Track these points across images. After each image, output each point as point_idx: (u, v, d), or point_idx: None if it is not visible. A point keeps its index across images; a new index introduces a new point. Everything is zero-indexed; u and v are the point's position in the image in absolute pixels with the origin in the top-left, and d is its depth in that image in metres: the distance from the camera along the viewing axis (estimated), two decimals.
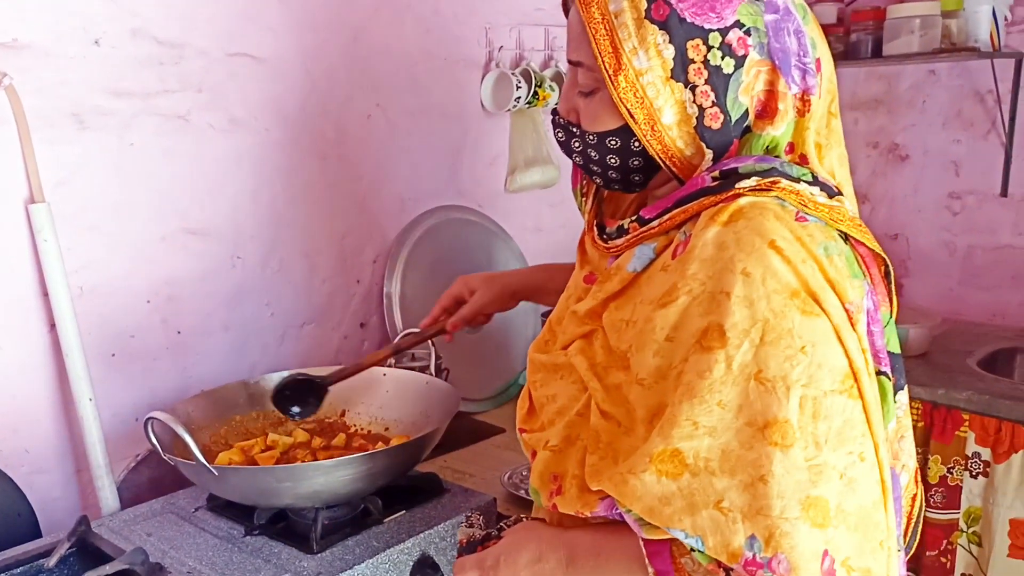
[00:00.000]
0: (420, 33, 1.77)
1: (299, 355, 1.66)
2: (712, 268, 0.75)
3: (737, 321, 0.73)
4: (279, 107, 1.56)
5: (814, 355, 0.73)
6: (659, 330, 0.77)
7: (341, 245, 1.71)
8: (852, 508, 0.73)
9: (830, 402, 0.73)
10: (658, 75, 0.80)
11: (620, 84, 0.80)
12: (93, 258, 1.35)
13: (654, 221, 0.84)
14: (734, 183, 0.78)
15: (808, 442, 0.72)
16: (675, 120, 0.81)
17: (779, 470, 0.71)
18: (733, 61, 0.80)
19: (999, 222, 2.40)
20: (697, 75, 0.80)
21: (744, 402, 0.73)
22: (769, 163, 0.80)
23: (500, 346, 1.91)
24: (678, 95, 0.80)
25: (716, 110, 0.81)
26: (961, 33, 2.19)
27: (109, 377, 1.39)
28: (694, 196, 0.80)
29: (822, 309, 0.74)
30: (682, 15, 0.79)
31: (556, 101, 1.94)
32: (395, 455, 1.21)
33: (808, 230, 0.77)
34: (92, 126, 1.32)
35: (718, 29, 0.79)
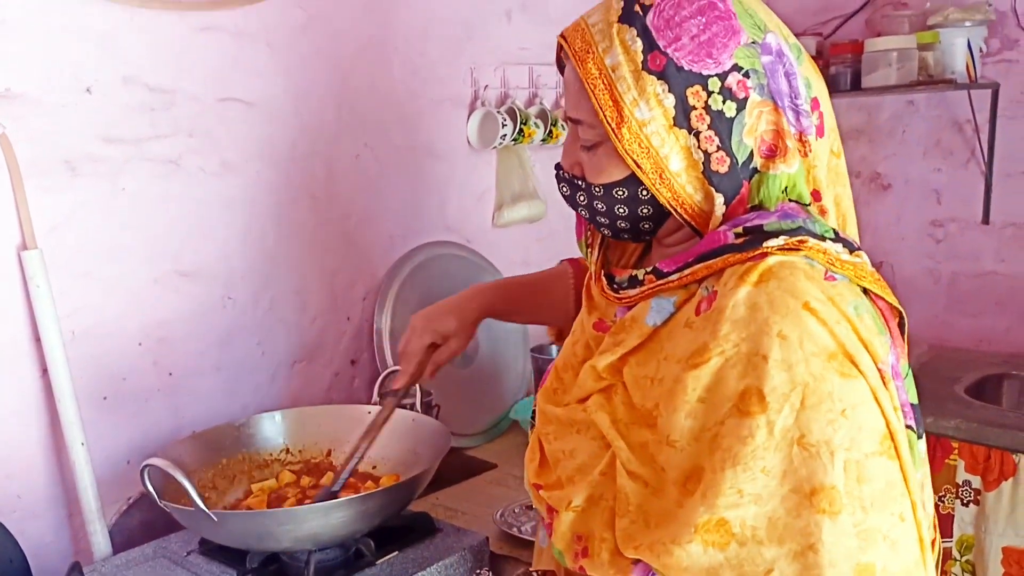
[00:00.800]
0: (407, 74, 1.80)
1: (291, 394, 1.67)
2: (746, 330, 0.75)
3: (776, 385, 0.72)
4: (269, 149, 1.58)
5: (855, 418, 0.73)
6: (691, 391, 0.76)
7: (331, 283, 1.73)
8: (897, 570, 0.73)
9: (872, 464, 0.73)
10: (661, 124, 0.80)
11: (624, 136, 0.81)
12: (85, 302, 1.36)
13: (673, 275, 0.83)
14: (761, 241, 0.78)
15: (855, 507, 0.72)
16: (682, 167, 0.82)
17: (829, 538, 0.70)
18: (735, 104, 0.80)
19: (982, 249, 2.43)
20: (700, 121, 0.80)
21: (788, 468, 0.72)
22: (794, 220, 0.79)
23: (490, 381, 1.92)
24: (683, 142, 0.81)
25: (722, 154, 0.81)
26: (938, 65, 2.24)
27: (101, 420, 1.40)
28: (717, 252, 0.80)
29: (859, 371, 0.74)
30: (679, 64, 0.80)
31: (541, 137, 1.97)
32: (391, 495, 1.22)
33: (837, 289, 0.77)
34: (84, 172, 1.34)
35: (716, 74, 0.80)
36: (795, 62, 0.83)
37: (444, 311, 1.25)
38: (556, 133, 1.99)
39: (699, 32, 0.80)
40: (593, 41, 0.83)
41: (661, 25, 0.81)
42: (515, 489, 1.61)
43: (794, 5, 2.59)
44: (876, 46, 2.27)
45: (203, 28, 1.46)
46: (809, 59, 0.87)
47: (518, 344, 1.98)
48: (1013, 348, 2.37)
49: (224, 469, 1.40)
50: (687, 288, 0.83)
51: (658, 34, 0.81)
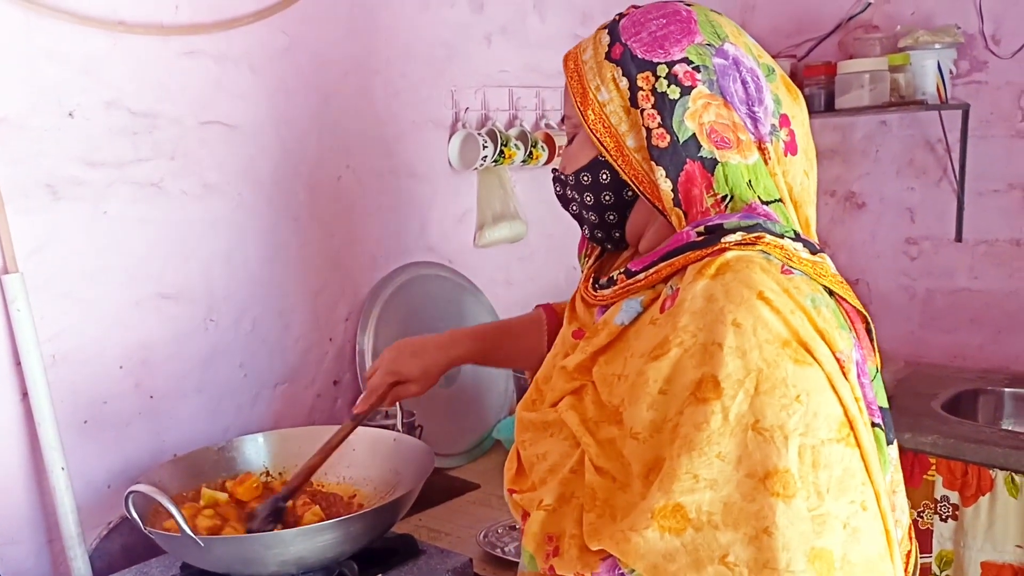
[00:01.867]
0: (388, 96, 1.81)
1: (272, 416, 1.67)
2: (703, 320, 0.77)
3: (731, 372, 0.75)
4: (252, 171, 1.58)
5: (809, 404, 0.75)
6: (652, 383, 0.79)
7: (314, 304, 1.73)
8: (858, 559, 0.75)
9: (828, 451, 0.74)
10: (619, 104, 0.90)
11: (589, 117, 0.91)
12: (66, 326, 1.36)
13: (641, 274, 0.88)
14: (719, 238, 0.82)
15: (810, 492, 0.73)
16: (637, 144, 0.89)
17: (783, 521, 0.72)
18: (679, 89, 0.87)
19: (955, 266, 2.48)
20: (645, 100, 0.88)
21: (743, 453, 0.74)
22: (753, 219, 0.84)
23: (473, 400, 1.92)
24: (636, 120, 0.89)
25: (662, 131, 0.87)
26: (909, 86, 2.29)
27: (82, 444, 1.39)
28: (680, 251, 0.84)
29: (814, 358, 0.76)
30: (634, 52, 0.90)
31: (521, 159, 1.99)
32: (376, 517, 1.22)
33: (794, 282, 0.80)
34: (66, 196, 1.34)
35: (665, 62, 0.88)
36: (763, 78, 0.90)
37: (412, 353, 1.28)
38: (536, 154, 2.01)
39: (657, 30, 0.90)
40: (580, 45, 0.96)
41: (628, 25, 0.92)
42: (498, 509, 1.61)
43: (768, 27, 2.63)
44: (849, 68, 2.32)
45: (186, 52, 1.46)
46: (786, 82, 0.92)
47: None
48: (987, 364, 2.41)
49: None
50: (654, 288, 0.88)
51: (623, 32, 0.92)
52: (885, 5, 2.50)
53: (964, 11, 2.36)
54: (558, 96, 2.15)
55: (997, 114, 2.36)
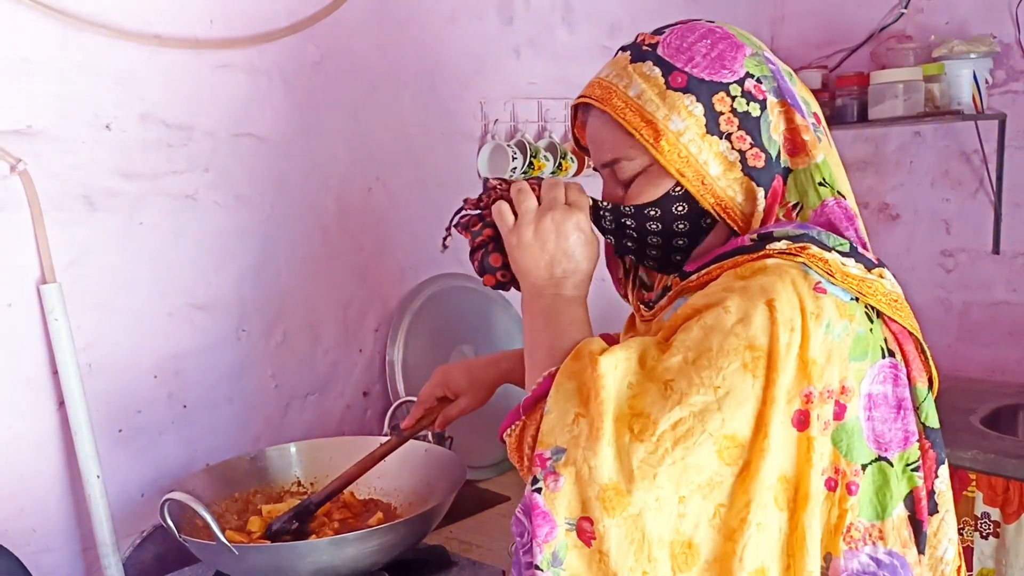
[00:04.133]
0: (417, 109, 1.82)
1: (303, 426, 1.67)
2: (712, 297, 0.81)
3: (692, 333, 0.79)
4: (283, 184, 1.60)
5: (722, 402, 0.76)
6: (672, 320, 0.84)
7: (344, 315, 1.74)
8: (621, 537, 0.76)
9: (699, 442, 0.75)
10: (696, 132, 0.87)
11: (664, 149, 0.87)
12: (102, 335, 1.38)
13: (693, 275, 0.89)
14: (767, 243, 0.83)
15: (655, 462, 0.75)
16: (720, 171, 0.87)
17: (627, 455, 0.76)
18: (757, 105, 0.87)
19: (993, 279, 2.43)
20: (729, 124, 0.87)
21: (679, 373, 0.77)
22: (804, 230, 0.84)
23: (503, 411, 1.91)
24: (716, 148, 0.87)
25: (756, 150, 0.87)
26: (944, 96, 2.26)
27: (116, 453, 1.40)
28: (731, 254, 0.86)
29: (766, 377, 0.76)
30: (700, 77, 0.87)
31: (550, 170, 1.98)
32: (409, 527, 1.22)
33: (820, 303, 0.79)
34: (102, 207, 1.36)
35: (735, 81, 0.87)
36: (788, 81, 0.91)
37: (464, 370, 1.26)
38: (565, 166, 2.01)
39: (708, 51, 0.88)
40: (612, 84, 0.90)
41: (672, 52, 0.89)
42: None
43: (798, 39, 2.62)
44: (882, 78, 2.30)
45: (219, 66, 1.48)
46: (800, 82, 0.94)
47: None
48: None
49: (237, 502, 1.40)
50: (702, 286, 0.88)
51: (673, 59, 0.88)
52: (918, 15, 2.47)
53: (1000, 20, 2.33)
54: None
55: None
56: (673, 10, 2.37)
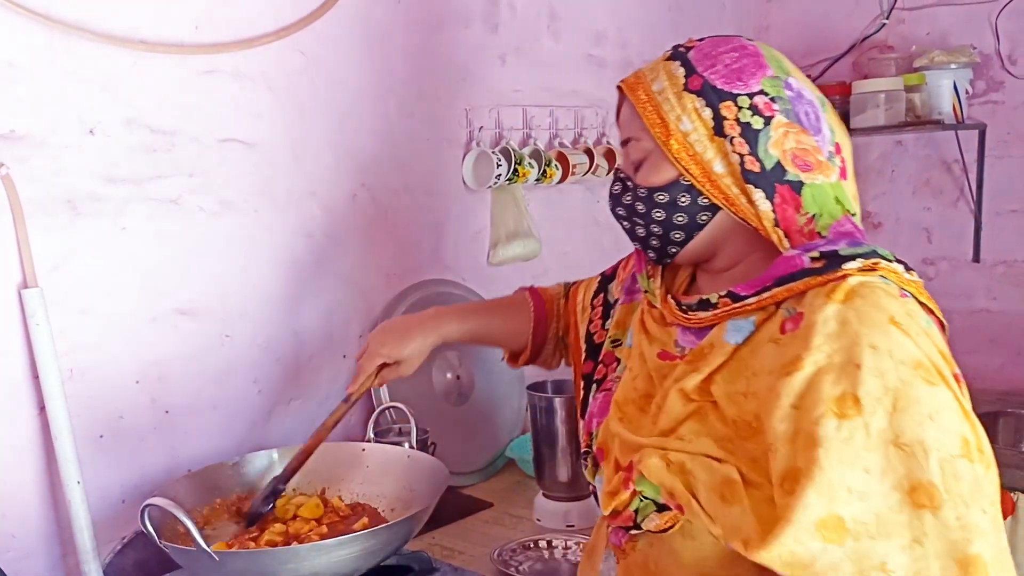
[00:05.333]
0: (403, 115, 1.83)
1: (285, 432, 1.67)
2: (839, 342, 0.82)
3: (870, 390, 0.79)
4: (268, 189, 1.60)
5: (940, 421, 0.79)
6: (784, 398, 0.83)
7: (328, 321, 1.74)
8: (990, 558, 0.78)
9: (960, 465, 0.79)
10: (703, 134, 0.94)
11: (672, 146, 0.95)
12: (84, 340, 1.37)
13: (751, 298, 0.91)
14: (839, 264, 0.87)
15: (955, 502, 0.77)
16: (725, 170, 0.94)
17: (932, 531, 0.76)
18: (761, 120, 0.93)
19: (973, 287, 2.46)
20: (731, 129, 0.93)
21: (887, 466, 0.78)
22: (864, 246, 0.89)
23: (486, 418, 1.92)
24: (721, 148, 0.94)
25: (752, 158, 0.93)
26: (925, 106, 2.29)
27: (97, 459, 1.40)
28: (796, 276, 0.88)
29: (941, 378, 0.81)
30: (714, 84, 0.94)
31: (535, 177, 1.99)
32: (391, 532, 1.21)
33: (911, 306, 0.86)
34: (86, 212, 1.36)
35: (745, 94, 0.94)
36: (819, 108, 0.97)
37: (400, 335, 1.33)
38: (550, 173, 2.02)
39: (732, 63, 0.96)
40: (644, 76, 1.00)
41: (700, 57, 0.97)
42: (511, 528, 1.60)
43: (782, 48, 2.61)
44: (864, 88, 2.32)
45: (204, 71, 1.48)
46: (833, 112, 0.99)
47: (513, 382, 1.99)
48: (1007, 386, 2.38)
49: (219, 508, 1.39)
50: (765, 310, 0.91)
51: (697, 63, 0.96)
52: (900, 26, 2.50)
53: (980, 31, 2.36)
54: (572, 115, 2.16)
55: (1014, 134, 2.36)
56: (659, 20, 2.39)
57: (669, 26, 2.42)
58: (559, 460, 1.61)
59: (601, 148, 2.18)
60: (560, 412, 1.61)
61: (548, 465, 1.63)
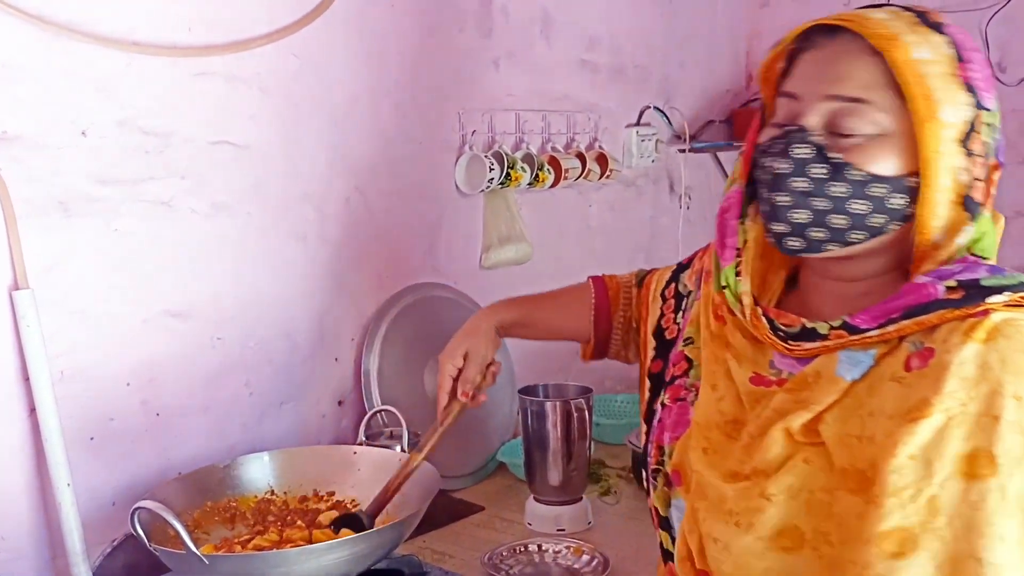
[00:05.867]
0: (397, 119, 1.83)
1: (277, 434, 1.67)
2: (976, 389, 0.73)
3: (1009, 448, 0.70)
4: (261, 191, 1.60)
5: None
6: (902, 446, 0.73)
7: (320, 324, 1.74)
8: None
9: None
10: (953, 134, 0.79)
11: (927, 132, 0.78)
12: (75, 342, 1.37)
13: (873, 332, 0.79)
14: (982, 297, 0.76)
15: None
16: (949, 185, 0.80)
17: None
18: (995, 145, 0.82)
19: None
20: (978, 146, 0.80)
21: (1021, 536, 0.70)
22: (1010, 276, 0.78)
23: (478, 422, 1.92)
24: (956, 161, 0.80)
25: (983, 184, 0.81)
26: None
27: (88, 461, 1.39)
28: (929, 308, 0.77)
29: None
30: (979, 86, 0.80)
31: (527, 181, 2.00)
32: (382, 536, 1.22)
33: None
34: (78, 213, 1.35)
35: (995, 110, 0.82)
36: None
37: (458, 340, 1.32)
38: (543, 177, 2.02)
39: (985, 65, 0.82)
40: (897, 34, 0.80)
41: (963, 42, 0.81)
42: (502, 532, 1.61)
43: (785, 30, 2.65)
44: None
45: (198, 73, 1.48)
46: None
47: (505, 386, 1.99)
48: None
49: (210, 511, 1.39)
50: (887, 342, 0.80)
51: (962, 51, 0.80)
52: None
53: None
54: (564, 120, 2.17)
55: (1005, 140, 2.37)
56: (652, 26, 2.40)
57: (662, 32, 2.43)
58: (550, 464, 1.62)
59: (593, 153, 2.18)
60: (551, 416, 1.61)
61: (539, 469, 1.63)
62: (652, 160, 2.40)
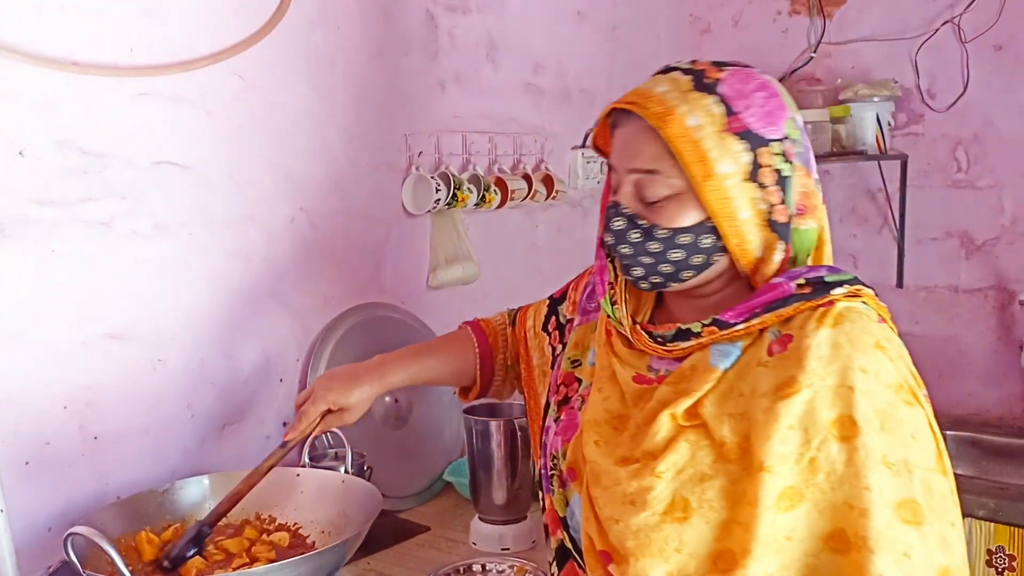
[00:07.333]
0: (343, 140, 1.84)
1: (220, 457, 1.65)
2: (831, 366, 0.86)
3: (864, 412, 0.84)
4: (204, 212, 1.59)
5: (920, 439, 0.85)
6: (783, 419, 0.86)
7: (264, 345, 1.73)
8: (954, 568, 0.84)
9: (935, 479, 0.85)
10: (739, 178, 0.92)
11: (708, 189, 0.92)
12: (10, 365, 1.34)
13: (740, 325, 0.93)
14: (827, 291, 0.91)
15: (932, 517, 0.83)
16: (750, 215, 0.93)
17: (917, 545, 0.82)
18: (789, 166, 0.94)
19: (897, 312, 2.50)
20: (766, 177, 0.93)
21: (881, 485, 0.83)
22: (844, 273, 0.94)
23: (424, 442, 1.92)
24: (751, 194, 0.93)
25: (783, 207, 0.94)
26: (850, 137, 2.38)
27: (22, 486, 1.36)
28: (786, 302, 0.91)
29: (916, 400, 0.87)
30: (753, 128, 0.93)
31: (474, 202, 2.02)
32: (321, 559, 1.21)
33: (887, 331, 0.91)
34: (13, 234, 1.33)
35: (778, 139, 0.94)
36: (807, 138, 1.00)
37: (345, 382, 1.31)
38: (489, 198, 2.04)
39: (763, 103, 0.94)
40: (672, 106, 0.93)
41: (734, 95, 0.94)
42: (447, 552, 1.61)
43: None
44: None
45: (140, 94, 1.47)
46: None
47: (451, 405, 2.00)
48: None
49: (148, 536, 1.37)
50: (750, 334, 0.94)
51: (733, 103, 0.93)
52: (826, 59, 2.60)
53: (901, 66, 2.47)
54: (511, 142, 2.19)
55: (934, 165, 2.46)
56: (596, 51, 2.45)
57: (606, 57, 2.48)
58: (495, 483, 1.63)
59: (539, 174, 2.21)
60: (496, 436, 1.62)
61: (484, 488, 1.64)
62: (598, 182, 2.44)
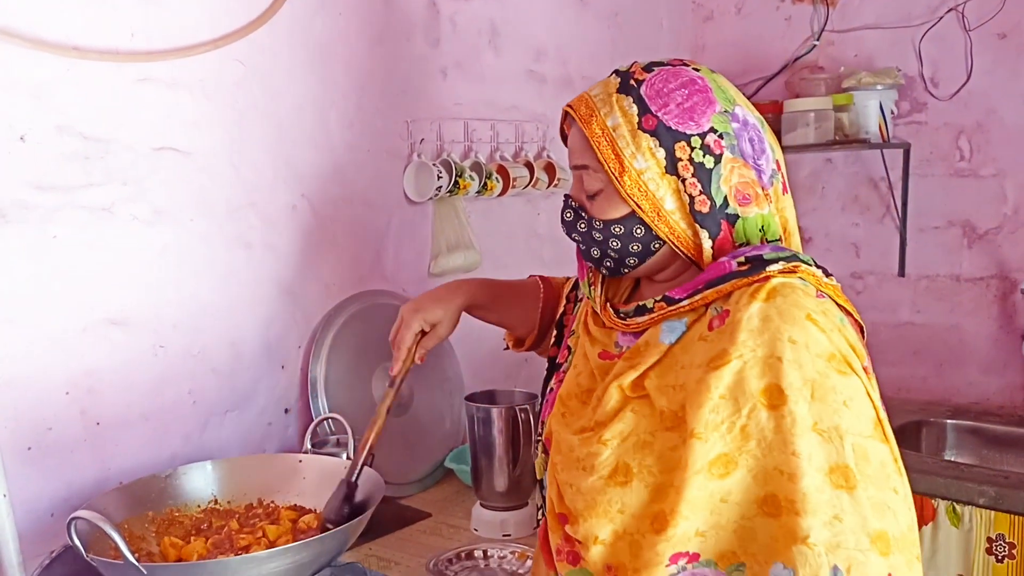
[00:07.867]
0: (344, 127, 1.83)
1: (222, 443, 1.66)
2: (761, 337, 0.90)
3: (792, 381, 0.87)
4: (204, 198, 1.59)
5: (853, 407, 0.88)
6: (714, 389, 0.90)
7: (266, 332, 1.73)
8: (898, 534, 0.87)
9: (870, 446, 0.88)
10: (656, 172, 0.98)
11: (625, 183, 0.99)
12: (12, 351, 1.34)
13: (684, 300, 0.98)
14: (763, 267, 0.94)
15: (867, 483, 0.86)
16: (675, 206, 0.99)
17: (848, 509, 0.85)
18: (712, 159, 0.98)
19: (899, 300, 2.55)
20: (685, 170, 0.98)
21: (810, 451, 0.86)
22: (786, 251, 0.97)
23: (425, 429, 1.93)
24: (673, 186, 0.99)
25: (703, 197, 0.98)
26: (852, 125, 2.37)
27: (25, 471, 1.36)
28: (725, 278, 0.96)
29: (851, 369, 0.90)
30: (667, 124, 0.98)
31: (476, 189, 2.01)
32: (324, 544, 1.21)
33: (826, 305, 0.94)
34: (14, 220, 1.33)
35: (697, 134, 0.98)
36: (762, 130, 1.03)
37: (431, 301, 1.36)
38: (491, 185, 2.04)
39: (683, 101, 0.99)
40: (596, 107, 1.02)
41: (652, 95, 1.00)
42: (448, 538, 1.61)
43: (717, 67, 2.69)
44: (795, 107, 2.40)
45: (140, 79, 1.47)
46: (770, 131, 1.05)
47: (453, 393, 2.00)
48: (930, 396, 2.47)
49: (151, 521, 1.37)
50: (696, 311, 0.99)
51: (650, 101, 0.99)
52: (829, 47, 2.59)
53: (904, 55, 2.46)
54: (512, 129, 2.19)
55: (936, 153, 2.45)
56: (598, 38, 2.44)
57: (608, 44, 2.47)
58: (496, 470, 1.63)
59: (541, 162, 2.21)
60: (497, 422, 1.62)
61: (485, 475, 1.64)
62: None
